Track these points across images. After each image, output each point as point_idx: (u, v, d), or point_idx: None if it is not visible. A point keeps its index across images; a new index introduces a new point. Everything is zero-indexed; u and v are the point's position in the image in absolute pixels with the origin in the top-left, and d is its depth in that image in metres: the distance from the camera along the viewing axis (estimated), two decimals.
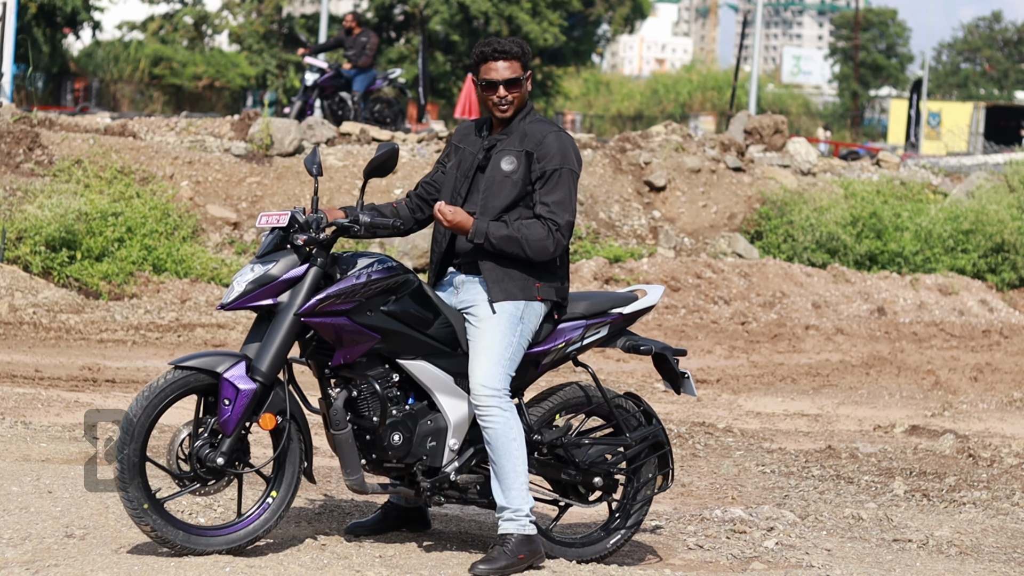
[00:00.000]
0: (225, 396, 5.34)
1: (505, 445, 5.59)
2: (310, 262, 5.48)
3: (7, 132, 15.69)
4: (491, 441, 5.59)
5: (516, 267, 5.69)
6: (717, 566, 6.19)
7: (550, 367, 5.90)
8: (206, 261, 14.63)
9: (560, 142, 5.71)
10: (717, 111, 56.86)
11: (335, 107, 20.63)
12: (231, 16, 49.79)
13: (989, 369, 13.47)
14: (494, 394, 5.57)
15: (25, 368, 10.51)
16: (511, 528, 5.62)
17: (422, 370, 5.64)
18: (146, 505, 5.30)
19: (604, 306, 5.92)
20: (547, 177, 5.68)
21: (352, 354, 5.53)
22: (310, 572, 5.33)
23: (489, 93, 5.74)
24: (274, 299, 5.44)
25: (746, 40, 34.14)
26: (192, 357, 5.42)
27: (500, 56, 5.70)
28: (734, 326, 15.17)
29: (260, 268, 5.45)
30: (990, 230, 18.56)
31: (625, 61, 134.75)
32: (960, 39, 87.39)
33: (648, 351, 5.94)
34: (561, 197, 5.68)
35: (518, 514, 5.63)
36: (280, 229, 5.52)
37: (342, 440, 5.53)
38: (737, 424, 10.08)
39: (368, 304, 5.51)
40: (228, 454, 5.38)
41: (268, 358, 5.41)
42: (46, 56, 40.78)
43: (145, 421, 5.28)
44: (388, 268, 5.58)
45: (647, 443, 6.01)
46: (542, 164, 5.68)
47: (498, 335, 5.63)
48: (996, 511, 7.60)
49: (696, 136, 20.37)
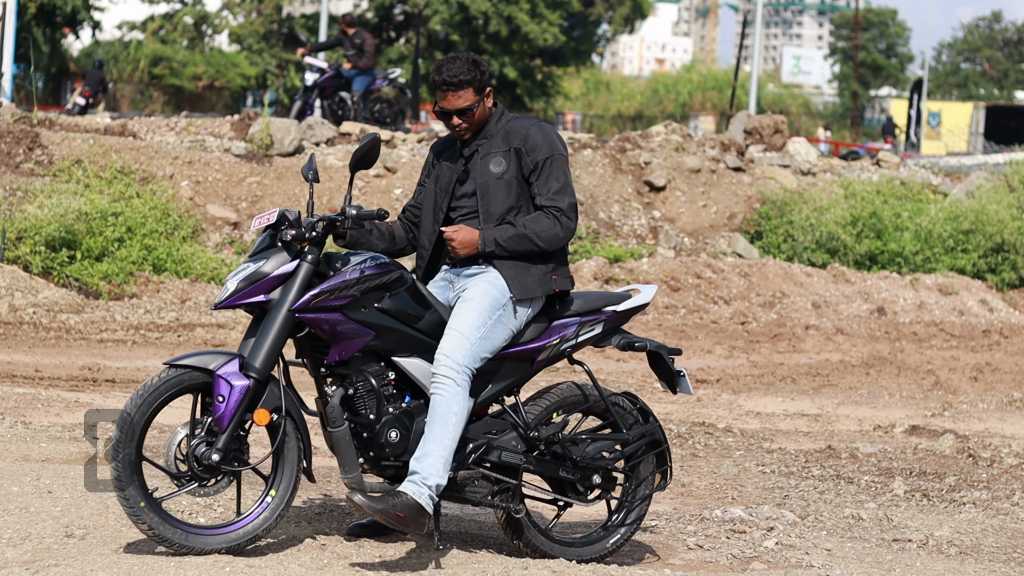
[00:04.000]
0: (219, 393, 5.35)
1: (444, 416, 5.53)
2: (300, 257, 5.49)
3: (7, 132, 15.69)
4: (433, 409, 5.54)
5: (531, 260, 5.71)
6: (717, 566, 6.19)
7: (545, 364, 5.89)
8: (206, 261, 14.63)
9: (543, 131, 5.76)
10: (717, 111, 56.87)
11: (335, 107, 20.64)
12: (231, 16, 49.80)
13: (989, 369, 13.47)
14: (454, 367, 5.54)
15: (25, 368, 10.51)
16: (410, 490, 5.48)
17: (417, 367, 5.64)
18: (143, 503, 5.30)
19: (598, 304, 5.94)
20: (540, 167, 5.71)
21: (347, 351, 5.53)
22: (310, 572, 5.33)
23: (445, 120, 5.76)
24: (266, 295, 5.45)
25: (746, 40, 34.15)
26: (186, 356, 5.43)
27: (449, 88, 5.67)
28: (734, 326, 15.17)
29: (252, 266, 5.47)
30: (990, 230, 18.56)
31: (625, 61, 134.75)
32: (960, 39, 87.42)
33: (643, 348, 5.94)
34: (559, 184, 5.72)
35: (424, 482, 5.50)
36: (270, 227, 5.54)
37: (339, 438, 5.53)
38: (737, 424, 10.08)
39: (362, 300, 5.52)
40: (224, 451, 5.37)
41: (261, 354, 5.41)
42: (46, 56, 40.78)
43: (140, 420, 5.29)
44: (381, 265, 5.58)
45: (644, 440, 6.02)
46: (532, 156, 5.71)
47: (475, 314, 5.61)
48: (996, 511, 7.60)
49: (696, 136, 20.37)
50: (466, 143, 5.81)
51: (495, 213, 5.71)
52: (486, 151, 5.75)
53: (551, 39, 45.08)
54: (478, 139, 5.79)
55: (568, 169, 5.78)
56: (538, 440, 5.82)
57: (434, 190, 5.84)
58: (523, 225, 5.67)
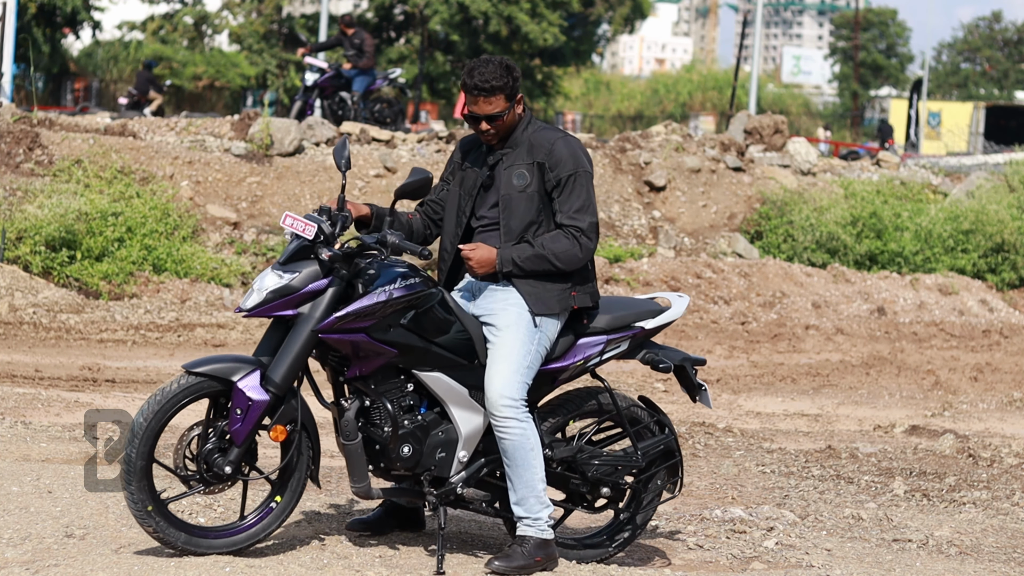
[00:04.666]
0: (237, 406, 5.31)
1: (523, 456, 5.55)
2: (332, 275, 5.41)
3: (7, 132, 15.69)
4: (508, 451, 5.55)
5: (550, 279, 5.62)
6: (717, 566, 6.19)
7: (566, 381, 5.85)
8: (206, 261, 14.63)
9: (569, 147, 5.63)
10: (717, 111, 56.86)
11: (335, 107, 20.64)
12: (231, 16, 49.80)
13: (989, 369, 13.46)
14: (511, 404, 5.52)
15: (25, 368, 10.51)
16: (530, 532, 5.61)
17: (437, 382, 5.59)
18: (150, 507, 5.28)
19: (627, 320, 5.85)
20: (563, 184, 5.59)
21: (367, 368, 5.49)
22: (310, 572, 5.33)
23: (473, 124, 5.67)
24: (294, 310, 5.39)
25: (746, 40, 34.13)
26: (205, 362, 5.36)
27: (481, 93, 5.56)
28: (734, 326, 15.17)
29: (282, 278, 5.39)
30: (990, 230, 18.56)
31: (625, 61, 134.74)
32: (960, 39, 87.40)
33: (667, 369, 5.87)
34: (581, 202, 5.60)
35: (537, 521, 5.62)
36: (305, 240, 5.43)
37: (351, 450, 5.50)
38: (737, 424, 10.08)
39: (387, 319, 5.46)
40: (236, 463, 5.37)
41: (283, 370, 5.37)
42: (46, 56, 40.79)
43: (155, 426, 5.27)
44: (410, 285, 5.48)
45: (659, 452, 5.98)
46: (556, 172, 5.59)
47: (517, 344, 5.56)
48: (996, 511, 7.60)
49: (696, 136, 20.36)
50: (492, 149, 5.72)
51: (515, 228, 5.61)
52: (511, 161, 5.65)
53: (551, 39, 45.07)
54: (504, 146, 5.69)
55: (591, 187, 5.65)
56: (552, 459, 5.79)
57: (458, 192, 5.76)
58: (541, 245, 5.57)
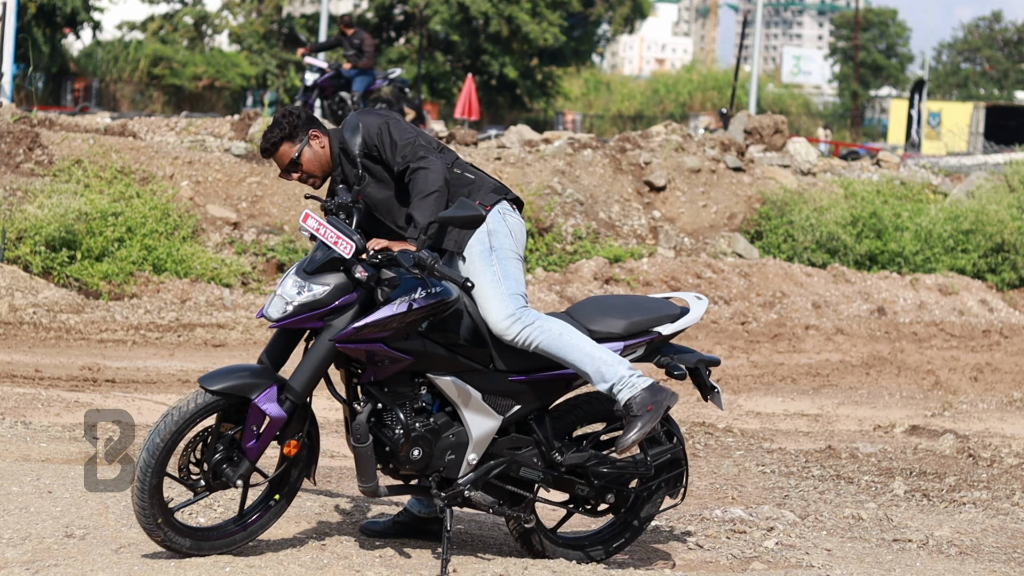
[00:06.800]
0: (253, 423, 5.32)
1: (560, 343, 5.56)
2: (359, 287, 5.40)
3: (7, 132, 15.69)
4: (548, 351, 5.56)
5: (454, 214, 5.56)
6: (717, 566, 6.19)
7: (580, 387, 5.85)
8: (206, 261, 14.62)
9: (352, 128, 5.66)
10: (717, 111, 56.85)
11: (335, 107, 20.64)
12: (231, 16, 49.84)
13: (989, 369, 13.46)
14: (514, 319, 5.54)
15: (25, 368, 10.51)
16: (627, 395, 5.59)
17: (450, 385, 5.59)
18: (160, 520, 5.30)
19: (645, 325, 5.85)
20: (382, 146, 5.63)
21: (382, 374, 5.50)
22: (310, 572, 5.33)
23: (291, 179, 5.72)
24: (322, 322, 5.40)
25: (746, 40, 34.12)
26: (222, 376, 5.33)
27: (269, 154, 5.66)
28: (734, 326, 15.17)
29: (311, 291, 5.37)
30: (990, 230, 18.56)
31: (625, 61, 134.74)
32: (960, 39, 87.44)
33: (682, 376, 5.86)
34: (399, 144, 5.61)
35: (623, 381, 5.59)
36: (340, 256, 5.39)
37: (362, 452, 5.50)
38: (737, 424, 10.08)
39: (406, 328, 5.45)
40: (247, 476, 5.39)
41: (304, 381, 5.39)
42: (46, 56, 40.81)
43: (172, 445, 5.28)
44: (432, 294, 5.46)
45: (665, 461, 5.97)
46: (369, 146, 5.63)
47: (484, 275, 5.59)
48: (996, 511, 7.60)
49: (696, 136, 20.37)
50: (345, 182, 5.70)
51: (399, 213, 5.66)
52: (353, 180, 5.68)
53: (551, 39, 45.11)
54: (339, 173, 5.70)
55: (399, 126, 5.65)
56: (561, 465, 5.77)
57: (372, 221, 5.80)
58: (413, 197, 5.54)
